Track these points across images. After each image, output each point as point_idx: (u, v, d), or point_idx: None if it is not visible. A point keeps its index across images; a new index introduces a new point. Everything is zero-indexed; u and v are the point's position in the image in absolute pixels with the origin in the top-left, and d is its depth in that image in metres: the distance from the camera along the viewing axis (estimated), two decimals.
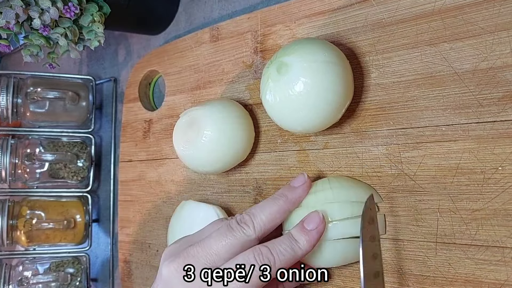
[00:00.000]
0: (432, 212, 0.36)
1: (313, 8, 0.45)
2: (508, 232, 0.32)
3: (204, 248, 0.36)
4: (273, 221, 0.37)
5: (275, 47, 0.48)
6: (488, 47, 0.34)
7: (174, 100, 0.58)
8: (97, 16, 0.53)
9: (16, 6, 0.48)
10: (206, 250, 0.36)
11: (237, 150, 0.46)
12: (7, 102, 0.66)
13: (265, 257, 0.35)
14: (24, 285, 0.66)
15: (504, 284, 0.32)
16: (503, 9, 0.34)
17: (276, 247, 0.36)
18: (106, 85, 0.77)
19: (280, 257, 0.35)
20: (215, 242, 0.36)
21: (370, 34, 0.41)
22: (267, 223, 0.37)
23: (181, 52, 0.58)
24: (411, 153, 0.37)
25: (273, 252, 0.35)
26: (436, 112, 0.36)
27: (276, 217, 0.37)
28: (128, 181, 0.64)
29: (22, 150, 0.68)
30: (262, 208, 0.37)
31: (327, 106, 0.37)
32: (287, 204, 0.38)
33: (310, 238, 0.36)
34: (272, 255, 0.35)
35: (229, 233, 0.36)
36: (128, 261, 0.62)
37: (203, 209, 0.49)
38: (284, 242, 0.36)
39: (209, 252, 0.36)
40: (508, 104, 0.33)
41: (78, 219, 0.71)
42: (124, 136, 0.65)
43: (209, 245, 0.36)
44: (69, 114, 0.72)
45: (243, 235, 0.36)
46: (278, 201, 0.38)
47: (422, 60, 0.37)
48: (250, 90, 0.50)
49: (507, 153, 0.33)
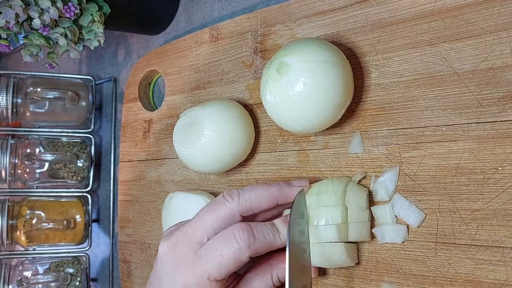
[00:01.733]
0: (432, 212, 0.36)
1: (313, 8, 0.45)
2: (508, 232, 0.32)
3: (191, 225, 0.38)
4: (259, 203, 0.38)
5: (275, 47, 0.48)
6: (488, 47, 0.34)
7: (174, 100, 0.58)
8: (97, 16, 0.53)
9: (16, 6, 0.48)
10: (193, 226, 0.38)
11: (237, 150, 0.46)
12: (7, 102, 0.66)
13: (245, 232, 0.36)
14: (24, 285, 0.66)
15: (504, 284, 0.32)
16: (503, 9, 0.34)
17: (258, 227, 0.37)
18: (105, 85, 0.77)
19: (260, 237, 0.36)
20: (200, 218, 0.38)
21: (370, 34, 0.41)
22: (254, 202, 0.38)
23: (181, 52, 0.58)
24: (411, 153, 0.37)
25: (254, 231, 0.36)
26: (436, 112, 0.36)
27: (263, 200, 0.38)
28: (128, 181, 0.64)
29: (22, 150, 0.68)
30: (253, 188, 0.38)
31: (327, 106, 0.37)
32: (278, 194, 0.38)
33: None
34: (253, 233, 0.36)
35: (213, 207, 0.38)
36: (128, 261, 0.62)
37: (192, 199, 0.49)
38: (267, 226, 0.37)
39: (195, 228, 0.38)
40: (508, 104, 0.33)
41: (78, 219, 0.71)
42: (124, 136, 0.65)
43: (195, 222, 0.38)
44: (69, 114, 0.72)
45: (225, 208, 0.37)
46: (272, 188, 0.39)
47: (422, 60, 0.38)
48: (250, 90, 0.50)
49: (507, 153, 0.33)
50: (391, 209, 0.37)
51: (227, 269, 0.36)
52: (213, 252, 0.36)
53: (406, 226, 0.37)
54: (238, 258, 0.35)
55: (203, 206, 0.40)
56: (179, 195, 0.51)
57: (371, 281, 0.39)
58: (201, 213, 0.39)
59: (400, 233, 0.37)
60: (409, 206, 0.37)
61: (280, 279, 0.40)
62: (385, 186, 0.38)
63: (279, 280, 0.40)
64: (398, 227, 0.37)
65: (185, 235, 0.38)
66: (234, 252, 0.35)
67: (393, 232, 0.37)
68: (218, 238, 0.37)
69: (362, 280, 0.39)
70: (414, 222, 0.36)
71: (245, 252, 0.35)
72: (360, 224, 0.38)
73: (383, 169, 0.39)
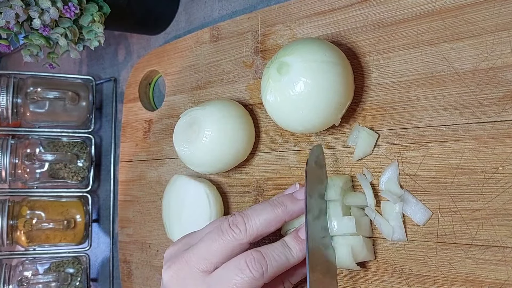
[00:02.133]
0: (432, 212, 0.36)
1: (313, 8, 0.45)
2: (508, 232, 0.32)
3: (195, 253, 0.36)
4: (267, 228, 0.37)
5: (275, 47, 0.48)
6: (488, 47, 0.34)
7: (174, 100, 0.58)
8: (97, 16, 0.53)
9: (16, 6, 0.48)
10: (198, 255, 0.36)
11: (237, 150, 0.46)
12: (7, 102, 0.66)
13: (257, 262, 0.35)
14: (24, 285, 0.66)
15: (505, 283, 0.32)
16: (503, 9, 0.34)
17: (269, 252, 0.35)
18: (106, 85, 0.77)
19: (273, 263, 0.35)
20: (205, 246, 0.36)
21: (370, 34, 0.41)
22: (260, 229, 0.36)
23: (181, 52, 0.58)
24: (412, 153, 0.37)
25: (266, 258, 0.35)
26: (437, 112, 0.36)
27: (271, 224, 0.37)
28: (128, 181, 0.64)
29: (22, 150, 0.68)
30: (258, 213, 0.37)
31: (327, 106, 0.37)
32: (284, 215, 0.37)
33: (303, 247, 0.36)
34: (265, 260, 0.35)
35: (219, 237, 0.36)
36: (128, 261, 0.62)
37: (192, 186, 0.50)
38: (277, 248, 0.36)
39: (200, 257, 0.36)
40: (508, 104, 0.33)
41: (78, 219, 0.71)
42: (124, 136, 0.65)
43: (200, 251, 0.36)
44: (69, 114, 0.72)
45: (233, 239, 0.36)
46: (277, 209, 0.37)
47: (422, 60, 0.38)
48: (251, 90, 0.50)
49: (508, 153, 0.33)
50: (398, 206, 0.37)
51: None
52: (226, 281, 0.34)
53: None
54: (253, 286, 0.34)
55: (209, 226, 0.39)
56: (183, 179, 0.51)
57: (372, 281, 0.39)
58: (205, 241, 0.37)
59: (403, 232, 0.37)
60: (416, 204, 0.36)
61: (292, 283, 0.39)
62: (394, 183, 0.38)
63: (291, 284, 0.39)
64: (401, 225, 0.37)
65: (189, 264, 0.36)
66: (248, 281, 0.34)
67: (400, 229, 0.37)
68: (229, 267, 0.35)
69: (363, 280, 0.39)
70: (420, 220, 0.36)
71: (259, 281, 0.34)
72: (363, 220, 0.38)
73: (384, 169, 0.39)
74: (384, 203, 0.38)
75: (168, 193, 0.52)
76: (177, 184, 0.51)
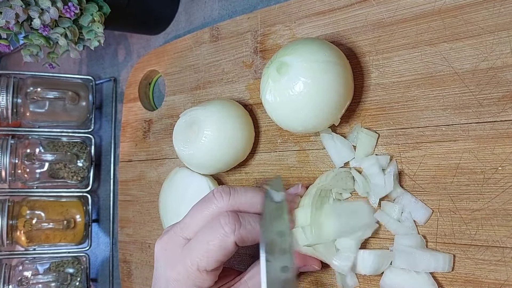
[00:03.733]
0: (432, 212, 0.36)
1: (313, 8, 0.45)
2: (508, 232, 0.32)
3: (181, 223, 0.38)
4: (250, 207, 0.37)
5: (275, 47, 0.48)
6: (488, 47, 0.34)
7: (174, 100, 0.58)
8: (97, 16, 0.53)
9: (16, 6, 0.48)
10: (182, 225, 0.38)
11: (237, 150, 0.46)
12: (7, 102, 0.66)
13: (231, 217, 0.35)
14: (24, 285, 0.66)
15: (504, 284, 0.32)
16: (503, 9, 0.34)
17: (245, 216, 0.36)
18: (106, 85, 0.77)
19: (247, 225, 0.36)
20: (189, 216, 0.38)
21: (370, 34, 0.41)
22: (242, 206, 0.37)
23: (181, 52, 0.58)
24: (411, 153, 0.37)
25: (240, 218, 0.36)
26: (436, 112, 0.36)
27: (253, 205, 0.38)
28: (128, 181, 0.64)
29: (22, 150, 0.68)
30: (245, 191, 0.38)
31: (327, 106, 0.37)
32: None
33: None
34: (239, 220, 0.36)
35: (203, 205, 0.38)
36: (128, 261, 0.62)
37: (195, 179, 0.50)
38: (254, 216, 0.37)
39: (184, 227, 0.38)
40: (508, 104, 0.33)
41: (78, 219, 0.71)
42: (124, 136, 0.65)
43: (185, 220, 0.38)
44: (69, 114, 0.72)
45: (215, 206, 0.37)
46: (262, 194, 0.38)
47: (422, 60, 0.37)
48: (250, 90, 0.50)
49: (507, 153, 0.33)
50: (398, 205, 0.37)
51: (214, 256, 0.35)
52: (200, 241, 0.36)
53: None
54: (224, 244, 0.35)
55: (195, 204, 0.40)
56: (185, 171, 0.51)
57: (371, 280, 0.39)
58: (191, 211, 0.38)
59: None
60: (416, 202, 0.36)
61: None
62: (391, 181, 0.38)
63: None
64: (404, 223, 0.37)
65: (175, 233, 0.38)
66: (219, 238, 0.35)
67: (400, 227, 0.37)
68: (205, 227, 0.36)
69: (362, 280, 0.39)
70: (421, 219, 0.36)
71: (230, 237, 0.35)
72: None
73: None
74: (384, 203, 0.38)
75: (167, 186, 0.52)
76: (178, 177, 0.51)
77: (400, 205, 0.37)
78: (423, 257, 0.35)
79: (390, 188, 0.37)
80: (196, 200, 0.48)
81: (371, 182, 0.38)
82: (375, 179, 0.37)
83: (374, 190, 0.37)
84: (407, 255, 0.35)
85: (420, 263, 0.35)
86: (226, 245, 0.35)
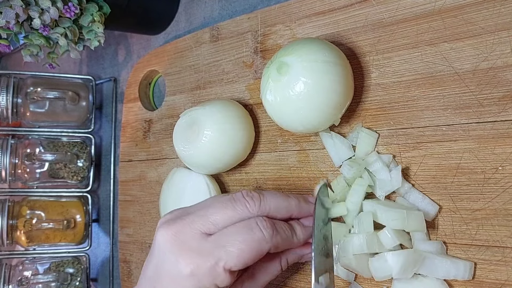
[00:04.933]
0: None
1: (313, 8, 0.45)
2: (508, 232, 0.32)
3: (202, 216, 0.35)
4: (277, 212, 0.36)
5: (275, 47, 0.48)
6: (488, 47, 0.34)
7: (174, 100, 0.58)
8: (97, 16, 0.53)
9: (16, 6, 0.48)
10: (204, 218, 0.35)
11: (237, 150, 0.46)
12: (7, 102, 0.66)
13: (268, 224, 0.34)
14: (24, 285, 0.66)
15: (505, 284, 0.32)
16: (503, 9, 0.34)
17: (278, 224, 0.36)
18: (106, 85, 0.77)
19: (281, 233, 0.35)
20: (214, 211, 0.35)
21: (370, 34, 0.41)
22: (272, 211, 0.36)
23: (181, 52, 0.58)
24: (412, 153, 0.37)
25: (276, 226, 0.35)
26: (437, 112, 0.36)
27: (281, 211, 0.37)
28: (128, 181, 0.64)
29: (22, 150, 0.68)
30: (273, 195, 0.37)
31: (327, 106, 0.37)
32: (295, 207, 0.37)
33: (306, 232, 0.37)
34: (275, 227, 0.35)
35: (231, 204, 0.35)
36: (128, 261, 0.62)
37: (193, 177, 0.50)
38: (285, 225, 0.36)
39: (206, 221, 0.35)
40: (508, 104, 0.33)
41: (78, 219, 0.71)
42: (124, 136, 0.65)
43: (207, 214, 0.35)
44: (69, 114, 0.72)
45: (245, 209, 0.35)
46: (291, 200, 0.37)
47: (422, 60, 0.37)
48: (250, 90, 0.50)
49: (508, 153, 0.33)
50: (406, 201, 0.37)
51: (246, 258, 0.33)
52: (232, 238, 0.33)
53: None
54: (260, 247, 0.33)
55: (214, 197, 0.38)
56: (183, 171, 0.51)
57: (371, 280, 0.39)
58: (214, 205, 0.36)
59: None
60: (423, 199, 0.36)
61: (288, 262, 0.39)
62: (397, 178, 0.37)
63: (288, 263, 0.39)
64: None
65: (192, 226, 0.34)
66: (257, 240, 0.33)
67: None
68: (238, 226, 0.34)
69: (362, 280, 0.39)
70: (428, 215, 0.36)
71: (268, 242, 0.34)
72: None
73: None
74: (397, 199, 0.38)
75: (167, 187, 0.52)
76: (177, 177, 0.51)
77: (407, 201, 0.37)
78: (443, 264, 0.34)
79: (398, 183, 0.36)
80: (195, 198, 0.49)
81: (376, 178, 0.38)
82: (380, 175, 0.37)
83: (380, 185, 0.37)
84: (426, 261, 0.34)
85: (440, 269, 0.34)
86: (261, 249, 0.34)
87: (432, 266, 0.34)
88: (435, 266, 0.34)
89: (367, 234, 0.36)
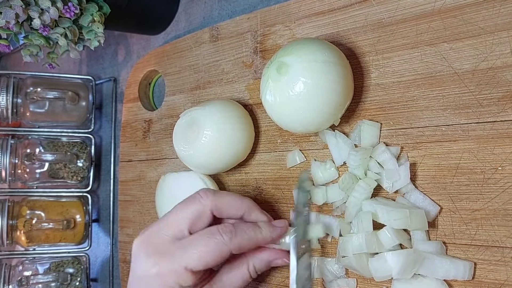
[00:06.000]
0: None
1: (313, 8, 0.45)
2: (507, 232, 0.32)
3: (164, 220, 0.38)
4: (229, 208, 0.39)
5: (275, 47, 0.48)
6: (488, 47, 0.34)
7: (174, 100, 0.58)
8: (97, 16, 0.53)
9: (16, 6, 0.48)
10: (165, 221, 0.38)
11: (237, 150, 0.46)
12: (7, 102, 0.66)
13: (227, 228, 0.37)
14: (24, 285, 0.66)
15: (504, 284, 0.32)
16: (503, 9, 0.34)
17: (239, 225, 0.38)
18: (105, 85, 0.77)
19: (242, 233, 0.37)
20: (174, 215, 0.38)
21: (370, 34, 0.41)
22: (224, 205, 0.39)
23: (181, 52, 0.58)
24: (411, 153, 0.37)
25: (236, 228, 0.37)
26: (436, 112, 0.36)
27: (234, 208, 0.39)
28: (128, 181, 0.64)
29: (22, 150, 0.68)
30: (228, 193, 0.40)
31: (327, 106, 0.37)
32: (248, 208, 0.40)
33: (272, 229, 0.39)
34: (235, 230, 0.37)
35: (187, 203, 0.39)
36: (128, 261, 0.62)
37: (184, 177, 0.50)
38: (247, 224, 0.39)
39: (168, 223, 0.38)
40: (508, 104, 0.33)
41: (78, 219, 0.71)
42: (124, 136, 0.65)
43: (168, 218, 0.38)
44: (69, 114, 0.72)
45: (199, 203, 0.38)
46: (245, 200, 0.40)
47: (422, 60, 0.38)
48: (250, 90, 0.50)
49: (507, 153, 0.33)
50: (407, 202, 0.37)
51: (208, 260, 0.36)
52: (195, 243, 0.36)
53: None
54: (220, 248, 0.36)
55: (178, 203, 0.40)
56: (172, 175, 0.51)
57: (371, 280, 0.39)
58: (174, 209, 0.39)
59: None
60: (424, 199, 0.36)
61: (256, 270, 0.40)
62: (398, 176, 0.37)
63: (255, 270, 0.40)
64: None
65: (159, 230, 0.38)
66: (217, 243, 0.36)
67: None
68: (201, 232, 0.37)
69: (362, 280, 0.39)
70: (429, 215, 0.36)
71: (227, 244, 0.36)
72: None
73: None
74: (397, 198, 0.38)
75: (160, 195, 0.52)
76: (167, 182, 0.51)
77: (407, 200, 0.37)
78: (442, 264, 0.34)
79: (406, 180, 0.36)
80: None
81: (384, 169, 0.38)
82: (388, 165, 0.37)
83: (388, 175, 0.37)
84: (426, 261, 0.34)
85: (439, 269, 0.34)
86: (221, 250, 0.36)
87: (431, 266, 0.34)
88: (434, 266, 0.34)
89: (367, 234, 0.36)
